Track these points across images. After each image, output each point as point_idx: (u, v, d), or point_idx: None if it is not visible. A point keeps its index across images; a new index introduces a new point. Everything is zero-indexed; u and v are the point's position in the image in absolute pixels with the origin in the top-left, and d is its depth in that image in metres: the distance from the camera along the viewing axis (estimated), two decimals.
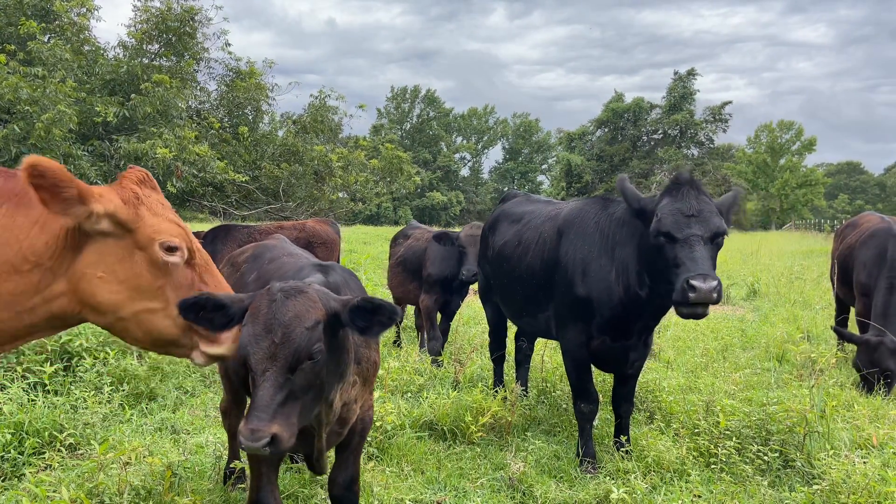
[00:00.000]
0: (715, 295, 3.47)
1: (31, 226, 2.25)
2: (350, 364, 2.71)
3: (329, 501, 3.24)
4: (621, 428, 4.65)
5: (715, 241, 3.73)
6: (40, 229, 2.26)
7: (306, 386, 2.28)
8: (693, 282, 3.45)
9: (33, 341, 2.54)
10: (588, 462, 4.36)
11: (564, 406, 5.47)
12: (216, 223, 10.63)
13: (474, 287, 8.11)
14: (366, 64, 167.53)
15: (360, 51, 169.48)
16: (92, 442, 4.26)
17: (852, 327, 7.75)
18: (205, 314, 2.36)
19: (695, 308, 3.54)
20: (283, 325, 2.24)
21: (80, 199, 2.24)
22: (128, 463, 3.82)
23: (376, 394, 4.91)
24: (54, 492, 3.49)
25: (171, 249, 2.40)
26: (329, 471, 3.13)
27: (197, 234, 10.16)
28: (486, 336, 6.38)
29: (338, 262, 7.95)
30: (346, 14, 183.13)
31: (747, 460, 4.21)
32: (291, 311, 2.27)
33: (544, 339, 6.05)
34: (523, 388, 5.80)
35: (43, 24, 10.12)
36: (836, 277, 7.94)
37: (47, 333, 2.47)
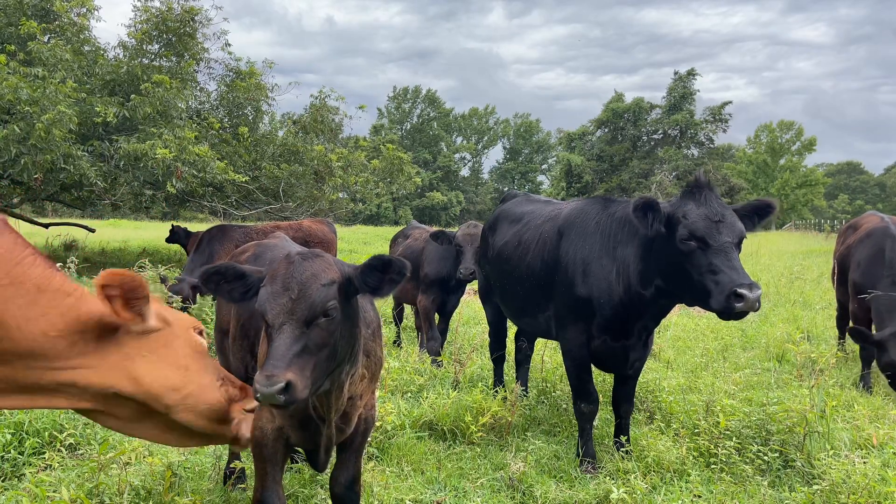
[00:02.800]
0: (758, 304, 3.55)
1: (66, 295, 2.27)
2: (360, 345, 2.71)
3: (330, 501, 3.24)
4: (621, 428, 4.65)
5: (740, 245, 3.78)
6: (76, 301, 2.28)
7: (321, 343, 2.33)
8: (741, 291, 3.50)
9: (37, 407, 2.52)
10: (588, 462, 4.36)
11: (564, 406, 5.48)
12: (216, 223, 10.63)
13: (473, 286, 8.13)
14: (364, 63, 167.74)
15: (358, 50, 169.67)
16: (92, 442, 4.26)
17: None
18: (225, 283, 2.50)
19: (736, 315, 3.60)
20: (300, 283, 2.33)
21: (149, 301, 2.39)
22: (128, 463, 3.82)
23: (377, 394, 4.91)
24: (54, 492, 3.49)
25: (200, 333, 2.65)
26: (331, 468, 3.13)
27: (194, 235, 10.19)
28: (486, 336, 6.39)
29: None
30: (343, 13, 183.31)
31: (747, 460, 4.21)
32: (309, 271, 2.37)
33: (544, 339, 6.05)
34: (523, 388, 5.80)
35: (43, 25, 10.12)
36: (835, 278, 7.89)
37: (65, 403, 2.41)
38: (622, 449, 4.38)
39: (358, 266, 2.54)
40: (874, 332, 6.28)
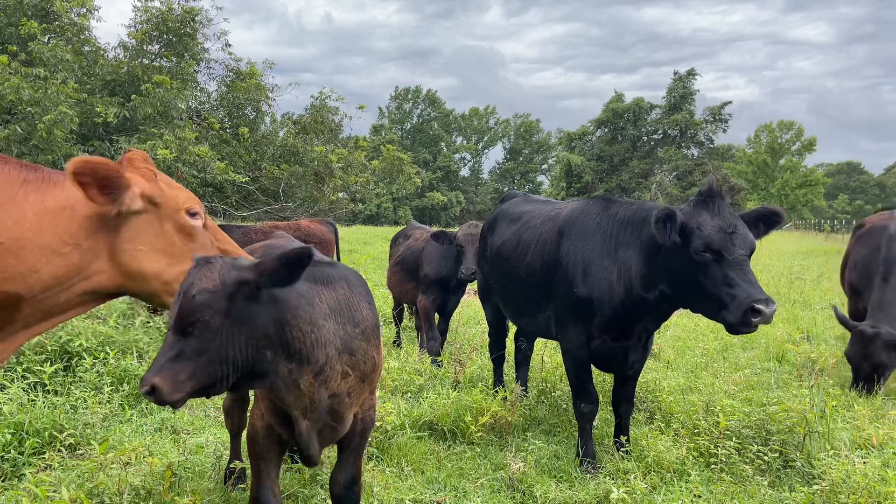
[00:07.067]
0: (772, 318, 3.58)
1: (62, 210, 2.38)
2: (313, 343, 2.66)
3: (330, 501, 3.24)
4: (621, 428, 4.65)
5: (751, 256, 3.78)
6: (72, 212, 2.39)
7: (198, 349, 2.39)
8: (758, 306, 3.52)
9: (39, 335, 2.65)
10: (588, 462, 4.36)
11: (564, 406, 5.48)
12: (216, 223, 10.64)
13: (473, 286, 8.14)
14: (362, 62, 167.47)
15: (356, 49, 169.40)
16: (92, 442, 4.26)
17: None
18: None
19: (751, 328, 3.63)
20: (182, 292, 2.42)
21: (126, 187, 2.43)
22: (128, 463, 3.82)
23: (377, 394, 4.91)
24: (54, 492, 3.49)
25: (193, 215, 2.66)
26: (320, 467, 3.13)
27: None
28: (486, 336, 6.39)
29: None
30: (341, 11, 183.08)
31: (747, 460, 4.21)
32: (189, 280, 2.44)
33: (544, 339, 6.05)
34: (523, 388, 5.80)
35: (44, 25, 10.12)
36: (842, 277, 7.72)
37: (81, 310, 2.59)
38: (622, 449, 4.38)
39: (254, 264, 2.51)
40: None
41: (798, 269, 15.59)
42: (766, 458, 4.21)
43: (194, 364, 2.38)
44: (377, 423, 4.46)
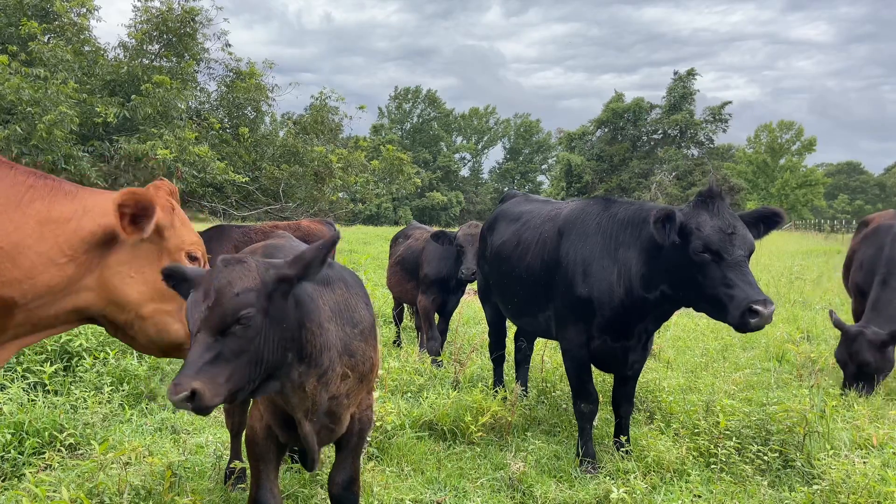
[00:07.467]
0: (771, 318, 3.59)
1: (66, 221, 2.38)
2: (322, 344, 2.68)
3: (329, 501, 3.24)
4: (621, 428, 4.65)
5: (750, 257, 3.79)
6: (77, 224, 2.39)
7: (238, 350, 2.34)
8: (756, 307, 3.54)
9: (43, 339, 2.65)
10: (588, 462, 4.36)
11: (564, 406, 5.48)
12: (216, 224, 10.64)
13: (473, 286, 8.14)
14: (362, 62, 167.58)
15: (355, 49, 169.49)
16: (92, 442, 4.26)
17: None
18: (179, 283, 2.49)
19: (750, 330, 3.64)
20: (216, 291, 2.34)
21: (152, 217, 2.46)
22: (128, 463, 3.83)
23: (376, 394, 4.91)
24: (54, 492, 3.49)
25: (193, 259, 2.64)
26: (320, 468, 3.13)
27: None
28: (486, 336, 6.39)
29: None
30: (340, 11, 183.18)
31: (747, 460, 4.21)
32: (225, 279, 2.37)
33: (544, 339, 6.06)
34: (523, 388, 5.80)
35: (44, 25, 10.11)
36: (845, 276, 7.72)
37: (63, 329, 2.57)
38: (622, 449, 4.39)
39: (289, 261, 2.49)
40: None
41: (798, 269, 15.59)
42: (766, 458, 4.21)
43: (233, 366, 2.32)
44: (377, 423, 4.46)
